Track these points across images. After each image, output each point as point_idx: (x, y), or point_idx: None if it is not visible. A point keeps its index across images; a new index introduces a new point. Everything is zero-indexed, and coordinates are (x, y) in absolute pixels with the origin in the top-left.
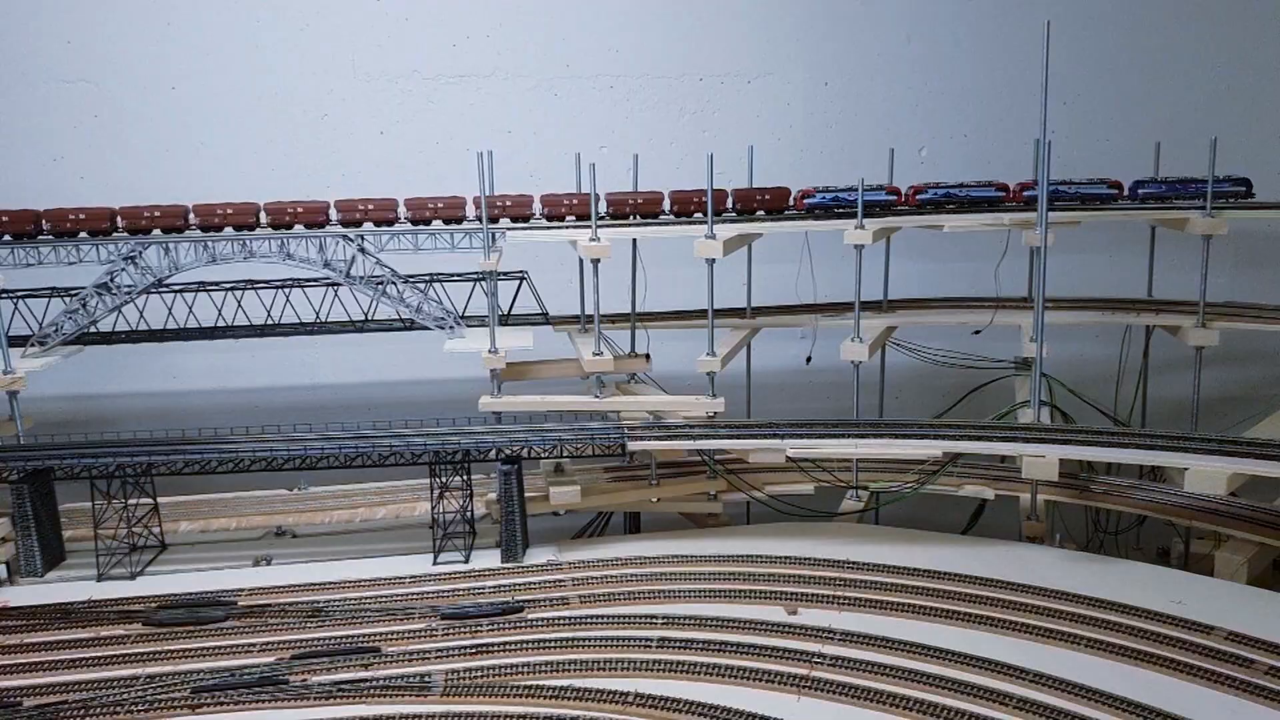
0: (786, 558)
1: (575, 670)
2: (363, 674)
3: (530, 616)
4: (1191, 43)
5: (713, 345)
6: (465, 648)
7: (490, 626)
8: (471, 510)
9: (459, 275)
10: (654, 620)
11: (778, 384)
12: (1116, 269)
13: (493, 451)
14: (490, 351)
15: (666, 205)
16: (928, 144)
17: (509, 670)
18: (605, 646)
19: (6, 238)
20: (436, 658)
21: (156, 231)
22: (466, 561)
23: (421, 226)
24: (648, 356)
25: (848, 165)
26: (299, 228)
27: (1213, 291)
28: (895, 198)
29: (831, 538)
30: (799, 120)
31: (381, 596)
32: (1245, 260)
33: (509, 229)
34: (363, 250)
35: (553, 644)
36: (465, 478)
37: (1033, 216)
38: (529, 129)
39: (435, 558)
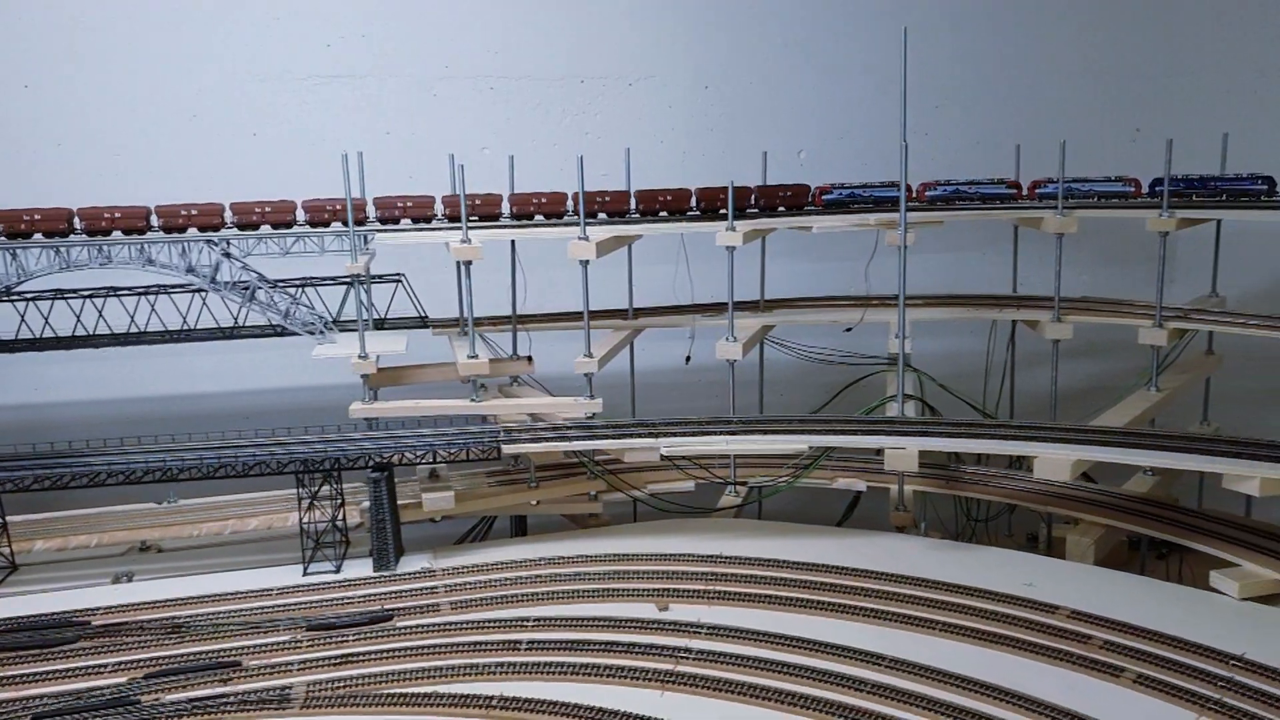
0: (662, 555)
1: (441, 676)
2: (220, 689)
3: (400, 624)
4: (1054, 48)
5: (589, 346)
6: (330, 658)
7: (357, 636)
8: (344, 519)
9: (332, 279)
10: (525, 623)
11: (668, 383)
12: (1000, 267)
13: (363, 459)
14: (360, 356)
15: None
16: (807, 146)
17: (374, 679)
18: (474, 651)
19: None
20: (300, 670)
21: None
22: (338, 571)
23: (282, 230)
24: (530, 358)
25: (729, 167)
26: (118, 233)
27: (1076, 287)
28: (907, 195)
29: (710, 533)
30: (680, 122)
31: (246, 610)
32: (1108, 257)
33: (369, 231)
34: (228, 255)
35: (421, 651)
36: (336, 486)
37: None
38: (408, 130)
39: (305, 568)
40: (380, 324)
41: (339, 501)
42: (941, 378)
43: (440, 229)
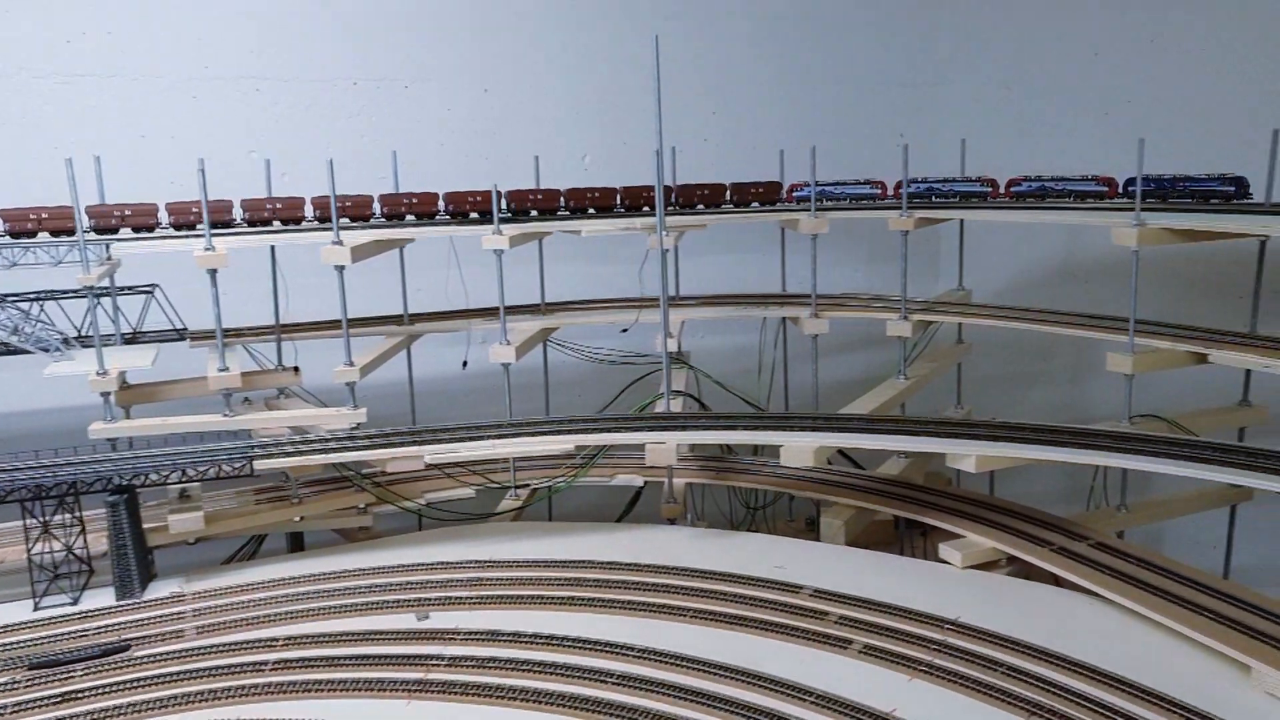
0: (431, 563)
1: (176, 705)
2: None
3: (138, 654)
4: (829, 56)
5: (349, 354)
6: (50, 698)
7: (86, 670)
8: (86, 547)
9: (73, 292)
10: (274, 642)
11: (458, 389)
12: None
13: (100, 482)
14: (99, 373)
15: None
16: (589, 151)
17: (100, 714)
18: (216, 676)
19: None
20: (13, 713)
21: None
22: (75, 603)
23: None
24: (297, 369)
25: (510, 170)
26: None
27: (846, 284)
28: (879, 191)
29: (487, 538)
30: (460, 126)
31: None
32: (877, 255)
33: (109, 240)
34: None
35: (157, 680)
36: (74, 513)
37: (673, 221)
38: (166, 133)
39: (37, 603)
40: (133, 338)
41: (78, 529)
42: (725, 373)
43: (183, 237)
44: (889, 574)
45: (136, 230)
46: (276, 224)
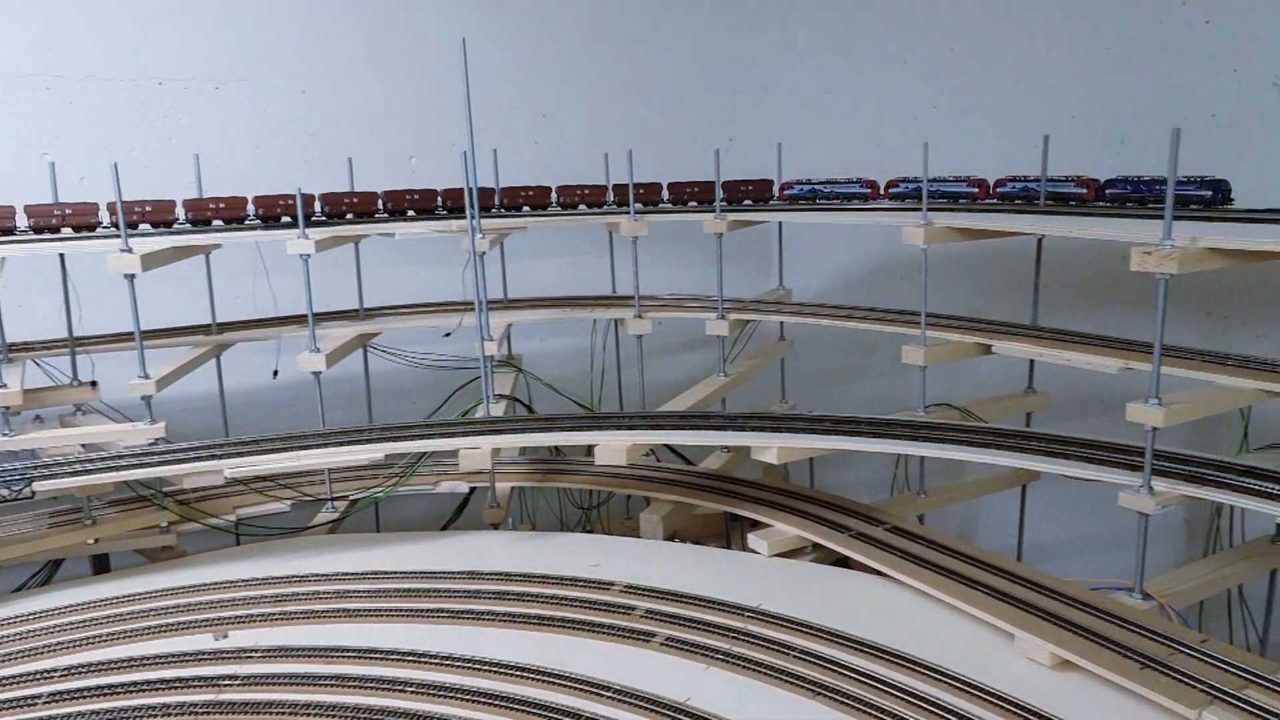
0: (238, 580)
1: None
2: None
3: None
4: (656, 60)
5: (144, 367)
6: None
7: None
8: None
9: None
10: (51, 674)
11: (283, 400)
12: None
13: None
14: None
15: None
16: (416, 153)
17: None
18: None
19: None
20: None
21: None
22: None
23: None
24: (94, 384)
25: (332, 173)
26: None
27: (692, 285)
28: (870, 190)
29: (301, 553)
30: (278, 127)
31: None
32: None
33: None
34: None
35: None
36: None
37: (496, 223)
38: None
39: None
40: None
41: None
42: (562, 375)
43: None
44: (701, 566)
45: None
46: (68, 231)
